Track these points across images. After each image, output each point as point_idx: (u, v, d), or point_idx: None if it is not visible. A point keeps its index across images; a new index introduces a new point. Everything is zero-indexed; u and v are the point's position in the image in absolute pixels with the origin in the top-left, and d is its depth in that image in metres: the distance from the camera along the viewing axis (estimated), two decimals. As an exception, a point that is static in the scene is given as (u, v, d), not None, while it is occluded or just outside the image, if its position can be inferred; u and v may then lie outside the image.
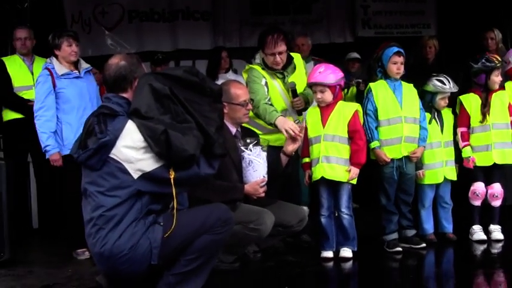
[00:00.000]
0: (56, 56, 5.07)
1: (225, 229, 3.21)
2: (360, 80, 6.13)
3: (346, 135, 4.57)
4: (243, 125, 4.54)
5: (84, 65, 5.17)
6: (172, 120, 2.96)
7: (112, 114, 3.05)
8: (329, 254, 4.60)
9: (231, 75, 6.70)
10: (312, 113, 4.69)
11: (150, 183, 3.02)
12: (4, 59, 5.90)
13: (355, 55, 7.17)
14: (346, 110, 4.60)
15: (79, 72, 5.10)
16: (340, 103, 4.64)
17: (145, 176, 2.99)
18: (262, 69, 4.79)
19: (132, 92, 3.14)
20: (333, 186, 4.59)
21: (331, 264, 4.56)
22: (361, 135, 4.59)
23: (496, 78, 5.06)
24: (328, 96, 4.55)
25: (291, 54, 4.89)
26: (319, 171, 4.56)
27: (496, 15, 7.56)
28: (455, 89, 5.04)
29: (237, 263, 4.33)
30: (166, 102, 2.96)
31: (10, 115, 5.82)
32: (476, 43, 6.54)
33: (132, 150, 2.97)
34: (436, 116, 5.05)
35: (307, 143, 4.66)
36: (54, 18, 7.43)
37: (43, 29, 5.88)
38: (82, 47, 5.68)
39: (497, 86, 5.09)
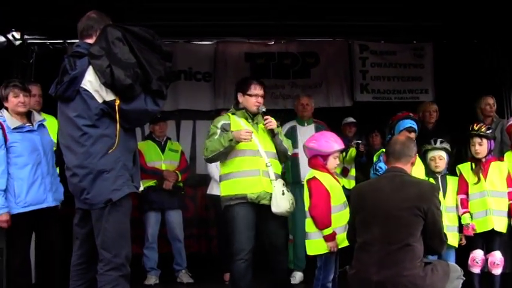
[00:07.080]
0: (7, 108, 4.86)
1: None
2: (360, 141, 6.17)
3: None
4: None
5: (38, 118, 4.97)
6: (120, 57, 3.49)
7: (79, 55, 3.64)
8: None
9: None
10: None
11: (110, 109, 3.58)
12: None
13: (351, 119, 7.24)
14: None
15: (32, 125, 4.89)
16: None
17: (105, 103, 3.57)
18: (233, 114, 4.91)
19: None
20: None
21: None
22: None
23: (474, 147, 5.11)
24: None
25: None
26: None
27: (493, 84, 7.68)
28: (439, 146, 5.13)
29: None
30: (117, 43, 3.51)
31: None
32: (473, 110, 6.60)
33: (95, 82, 3.55)
34: (439, 182, 5.10)
35: (329, 210, 4.49)
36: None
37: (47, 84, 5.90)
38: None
39: (479, 155, 5.11)
